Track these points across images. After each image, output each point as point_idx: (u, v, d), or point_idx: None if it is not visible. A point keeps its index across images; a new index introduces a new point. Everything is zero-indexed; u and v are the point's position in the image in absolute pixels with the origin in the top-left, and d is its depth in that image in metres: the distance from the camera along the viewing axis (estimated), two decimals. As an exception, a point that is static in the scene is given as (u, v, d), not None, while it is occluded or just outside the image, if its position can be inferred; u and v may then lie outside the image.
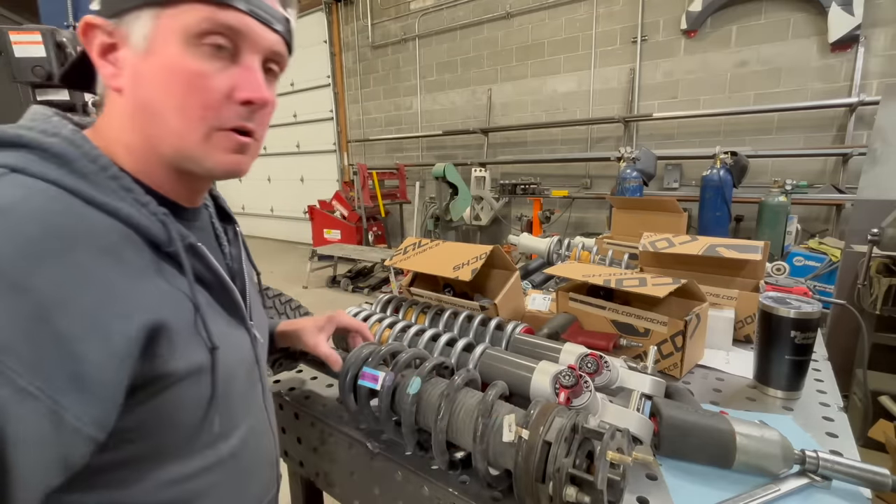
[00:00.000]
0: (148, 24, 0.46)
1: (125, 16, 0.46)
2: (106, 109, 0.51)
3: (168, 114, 0.47)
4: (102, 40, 0.47)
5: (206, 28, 0.46)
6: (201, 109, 0.47)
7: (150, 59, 0.46)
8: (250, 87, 0.49)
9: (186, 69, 0.46)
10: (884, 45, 3.58)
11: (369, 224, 6.08)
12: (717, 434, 0.67)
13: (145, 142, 0.49)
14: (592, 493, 0.51)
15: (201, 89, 0.47)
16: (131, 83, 0.47)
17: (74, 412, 0.37)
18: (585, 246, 1.61)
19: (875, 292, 1.87)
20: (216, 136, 0.49)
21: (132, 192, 0.46)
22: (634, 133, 4.79)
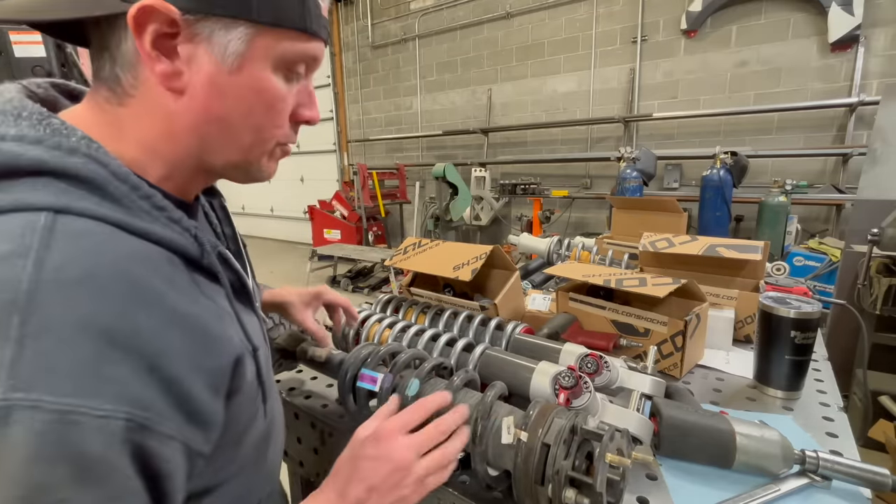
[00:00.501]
0: (243, 41, 0.43)
1: (212, 20, 0.41)
2: (139, 102, 0.44)
3: (243, 131, 0.47)
4: (160, 29, 0.40)
5: (298, 58, 0.47)
6: (274, 129, 0.49)
7: (238, 77, 0.44)
8: (311, 109, 0.52)
9: (275, 93, 0.47)
10: (884, 45, 3.58)
11: (369, 224, 6.08)
12: (717, 434, 0.67)
13: (198, 148, 0.47)
14: (592, 495, 0.51)
15: (279, 111, 0.48)
16: (206, 92, 0.44)
17: (196, 442, 0.41)
18: (585, 246, 1.61)
19: (875, 292, 1.87)
20: (277, 150, 0.52)
21: (165, 211, 0.43)
22: (634, 133, 4.79)
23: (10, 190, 0.36)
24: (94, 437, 0.33)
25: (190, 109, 0.44)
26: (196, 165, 0.48)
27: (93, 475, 0.33)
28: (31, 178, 0.37)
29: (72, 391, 0.32)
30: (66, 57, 2.20)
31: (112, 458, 0.34)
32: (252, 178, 0.52)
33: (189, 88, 0.44)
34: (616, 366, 0.78)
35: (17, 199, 0.36)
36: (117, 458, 0.34)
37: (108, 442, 0.33)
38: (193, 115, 0.45)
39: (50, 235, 0.35)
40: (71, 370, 0.33)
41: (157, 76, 0.42)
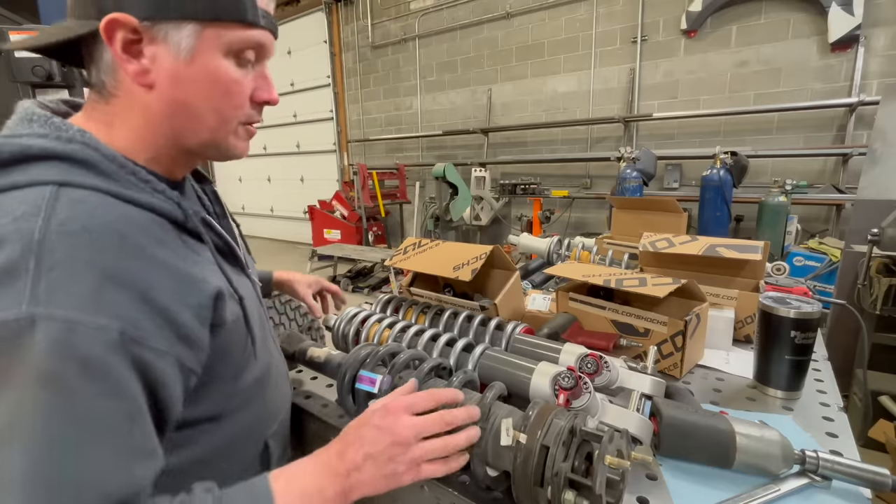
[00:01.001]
0: (192, 37, 0.52)
1: (164, 23, 0.51)
2: (121, 101, 0.54)
3: (206, 113, 0.56)
4: (126, 36, 0.50)
5: (243, 46, 0.55)
6: (233, 109, 0.57)
7: (192, 67, 0.53)
8: (268, 91, 0.60)
9: (227, 77, 0.55)
10: (884, 45, 3.58)
11: (369, 224, 6.08)
12: (717, 434, 0.67)
13: (171, 133, 0.56)
14: (591, 497, 0.51)
15: (235, 93, 0.57)
16: (170, 83, 0.53)
17: (188, 360, 0.51)
18: (585, 246, 1.61)
19: (875, 292, 1.87)
20: (239, 129, 0.60)
21: (149, 183, 0.53)
22: (634, 133, 4.79)
23: (26, 171, 0.47)
24: (94, 342, 0.41)
25: (160, 100, 0.54)
26: (176, 147, 0.58)
27: (95, 372, 0.41)
28: (41, 162, 0.48)
29: (76, 308, 0.41)
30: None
31: (110, 361, 0.42)
32: (226, 156, 0.61)
33: (157, 83, 0.53)
34: (616, 366, 0.78)
35: (32, 178, 0.46)
36: (116, 363, 0.43)
37: (105, 348, 0.42)
38: (163, 105, 0.54)
39: (56, 201, 0.45)
40: (77, 294, 0.42)
41: (130, 75, 0.52)
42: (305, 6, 7.29)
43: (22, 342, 0.39)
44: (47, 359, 0.39)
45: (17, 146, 0.47)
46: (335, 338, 1.04)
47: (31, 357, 0.39)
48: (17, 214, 0.43)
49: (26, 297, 0.40)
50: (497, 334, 0.94)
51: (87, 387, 0.41)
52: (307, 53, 7.52)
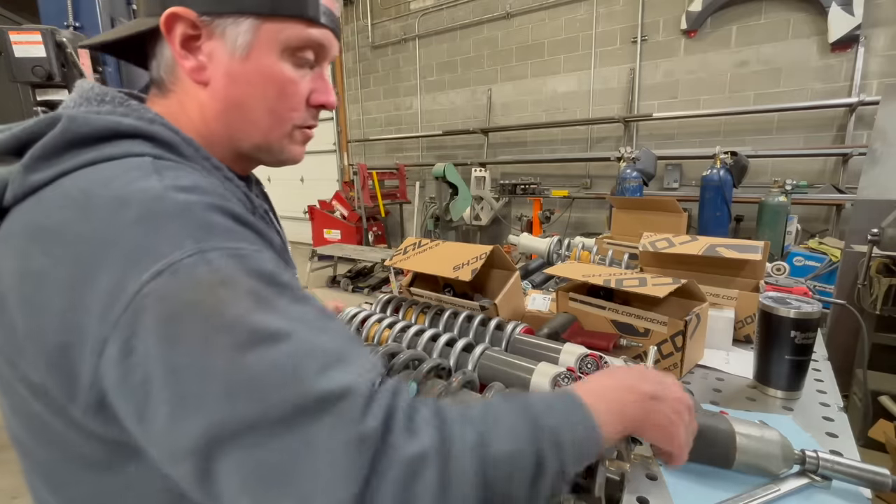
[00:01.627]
0: (249, 32, 0.50)
1: (223, 17, 0.50)
2: (177, 96, 0.54)
3: (260, 113, 0.54)
4: (185, 31, 0.50)
5: (302, 44, 0.53)
6: (288, 111, 0.55)
7: (247, 64, 0.51)
8: (325, 93, 0.58)
9: (282, 77, 0.53)
10: (884, 45, 3.58)
11: (369, 224, 6.08)
12: (717, 434, 0.67)
13: (225, 133, 0.55)
14: (590, 501, 0.51)
15: (291, 94, 0.55)
16: (224, 81, 0.52)
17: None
18: (585, 246, 1.61)
19: (875, 292, 1.87)
20: (294, 133, 0.58)
21: (221, 171, 0.52)
22: (634, 133, 4.79)
23: (118, 146, 0.45)
24: (262, 261, 0.41)
25: (214, 98, 0.53)
26: (230, 149, 0.56)
27: (278, 283, 0.41)
28: (129, 139, 0.46)
29: (231, 240, 0.41)
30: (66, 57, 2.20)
31: (282, 275, 0.42)
32: (279, 161, 0.59)
33: (212, 80, 0.52)
34: (616, 366, 0.78)
35: (125, 150, 0.45)
36: (286, 277, 0.43)
37: (273, 265, 0.42)
38: (218, 103, 0.53)
39: (157, 166, 0.44)
40: (224, 229, 0.42)
41: (187, 71, 0.52)
42: (305, 6, 7.29)
43: (203, 274, 0.37)
44: (236, 280, 0.38)
45: (109, 121, 0.45)
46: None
47: (220, 283, 0.38)
48: (130, 177, 0.42)
49: (184, 236, 0.39)
50: (497, 334, 0.94)
51: (280, 296, 0.40)
52: (307, 53, 7.50)
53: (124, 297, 0.36)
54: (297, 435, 0.34)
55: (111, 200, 0.40)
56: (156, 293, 0.36)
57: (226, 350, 0.36)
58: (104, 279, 0.37)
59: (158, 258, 0.37)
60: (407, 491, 0.34)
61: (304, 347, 0.37)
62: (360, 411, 0.36)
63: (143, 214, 0.39)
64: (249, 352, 0.36)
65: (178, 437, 0.35)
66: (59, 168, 0.43)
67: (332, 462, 0.34)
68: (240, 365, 0.35)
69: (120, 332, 0.36)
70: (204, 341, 0.36)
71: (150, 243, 0.38)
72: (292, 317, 0.39)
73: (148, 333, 0.36)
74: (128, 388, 0.36)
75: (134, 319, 0.36)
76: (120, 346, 0.36)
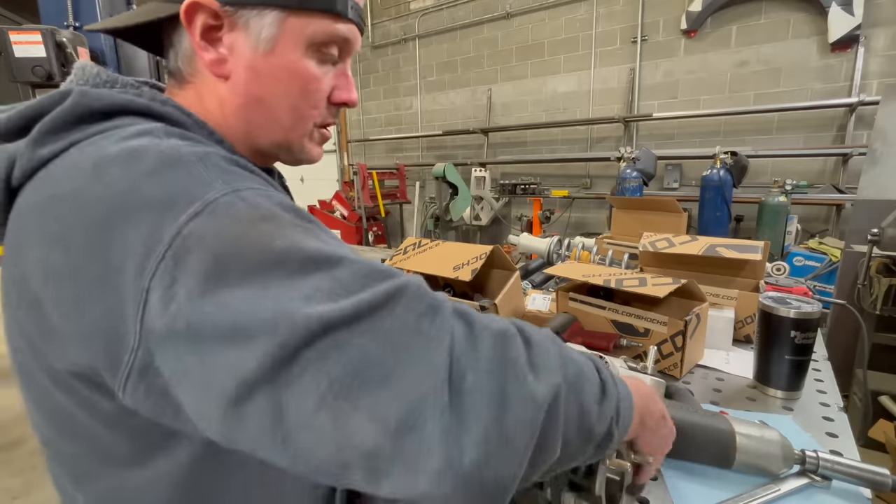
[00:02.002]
0: (274, 25, 0.48)
1: (247, 9, 0.47)
2: (196, 89, 0.52)
3: (282, 111, 0.52)
4: (206, 21, 0.47)
5: (328, 40, 0.51)
6: (310, 109, 0.53)
7: (271, 59, 0.49)
8: (347, 90, 0.56)
9: (307, 74, 0.51)
10: (884, 45, 3.58)
11: (369, 224, 6.08)
12: (718, 434, 0.67)
13: (244, 129, 0.52)
14: (591, 499, 0.51)
15: (314, 91, 0.52)
16: (246, 76, 0.50)
17: None
18: (585, 246, 1.61)
19: (875, 292, 1.87)
20: (315, 132, 0.56)
21: (234, 155, 0.49)
22: (634, 133, 4.79)
23: (132, 121, 0.43)
24: (287, 201, 0.40)
25: (234, 92, 0.50)
26: (248, 146, 0.54)
27: (309, 218, 0.41)
28: (141, 117, 0.44)
29: (255, 183, 0.40)
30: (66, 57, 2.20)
31: (306, 212, 0.41)
32: (298, 160, 0.57)
33: (233, 73, 0.50)
34: (616, 366, 0.78)
35: (137, 125, 0.43)
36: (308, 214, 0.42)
37: (293, 205, 0.41)
38: (238, 98, 0.51)
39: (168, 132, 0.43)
40: (246, 175, 0.41)
41: (207, 63, 0.49)
42: (305, 6, 7.28)
43: (243, 209, 0.36)
44: (276, 212, 0.38)
45: (122, 98, 0.44)
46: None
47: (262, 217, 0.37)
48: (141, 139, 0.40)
49: (212, 178, 0.38)
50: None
51: (318, 227, 0.40)
52: (307, 53, 7.50)
53: (160, 244, 0.34)
54: (371, 331, 0.33)
55: (122, 155, 0.38)
56: (196, 233, 0.34)
57: (280, 281, 0.34)
58: (132, 234, 0.34)
59: (193, 200, 0.35)
60: (502, 353, 0.35)
61: (360, 269, 0.36)
62: (424, 292, 0.37)
63: (162, 162, 0.37)
64: (307, 278, 0.34)
65: (239, 370, 0.31)
66: (68, 140, 0.41)
67: (413, 339, 0.33)
68: (298, 290, 0.34)
69: (160, 281, 0.33)
70: (255, 276, 0.33)
71: (179, 187, 0.36)
72: (336, 244, 0.39)
73: (192, 277, 0.33)
74: (175, 337, 0.33)
75: (175, 264, 0.33)
76: (161, 295, 0.33)
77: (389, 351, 0.32)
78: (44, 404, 0.44)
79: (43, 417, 0.45)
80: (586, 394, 0.40)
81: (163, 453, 0.42)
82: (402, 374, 0.32)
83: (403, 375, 0.32)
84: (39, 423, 0.47)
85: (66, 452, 0.46)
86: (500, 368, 0.34)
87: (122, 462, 0.43)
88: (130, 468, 0.43)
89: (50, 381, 0.42)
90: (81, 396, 0.40)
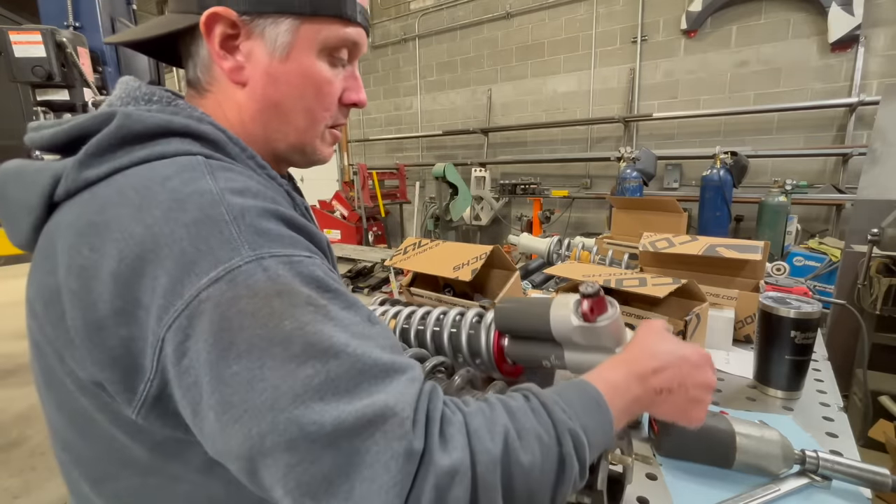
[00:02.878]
0: (289, 33, 0.50)
1: (263, 17, 0.49)
2: (215, 97, 0.53)
3: (297, 114, 0.54)
4: (224, 31, 0.49)
5: (339, 44, 0.53)
6: (324, 111, 0.55)
7: (287, 65, 0.51)
8: (357, 91, 0.58)
9: (320, 77, 0.53)
10: (884, 45, 3.58)
11: (369, 224, 6.08)
12: (718, 434, 0.67)
13: (263, 134, 0.54)
14: (592, 495, 0.51)
15: (326, 94, 0.54)
16: (263, 82, 0.52)
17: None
18: (585, 246, 1.61)
19: (875, 292, 1.87)
20: (327, 133, 0.58)
21: (265, 169, 0.52)
22: (634, 133, 4.79)
23: (169, 144, 0.45)
24: (314, 267, 0.42)
25: (251, 98, 0.52)
26: (265, 150, 0.55)
27: (328, 290, 0.41)
28: (179, 138, 0.46)
29: (284, 246, 0.41)
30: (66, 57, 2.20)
31: (332, 282, 0.42)
32: (311, 161, 0.59)
33: (250, 80, 0.52)
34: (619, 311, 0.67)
35: (177, 149, 0.45)
36: (335, 283, 0.43)
37: (323, 272, 0.42)
38: (255, 103, 0.52)
39: (210, 167, 0.43)
40: (276, 235, 0.41)
41: (225, 72, 0.51)
42: (305, 6, 7.29)
43: (261, 282, 0.38)
44: (293, 288, 0.39)
45: (161, 119, 0.45)
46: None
47: (278, 292, 0.38)
48: (185, 178, 0.41)
49: (240, 242, 0.39)
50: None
51: (332, 303, 0.41)
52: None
53: (181, 300, 0.37)
54: (344, 453, 0.35)
55: (167, 201, 0.40)
56: (213, 299, 0.37)
57: (277, 363, 0.36)
58: (161, 277, 0.37)
59: (217, 263, 0.37)
60: (440, 501, 0.36)
61: (355, 364, 0.38)
62: (406, 427, 0.36)
63: (200, 218, 0.39)
64: (302, 366, 0.36)
65: (226, 440, 0.36)
66: (113, 164, 0.43)
67: (376, 477, 0.35)
68: (290, 379, 0.36)
69: (174, 335, 0.37)
70: (256, 352, 0.36)
71: (207, 247, 0.38)
72: (344, 326, 0.40)
73: (201, 339, 0.36)
74: (184, 386, 0.37)
75: (189, 324, 0.37)
76: (175, 348, 0.37)
77: (356, 479, 0.35)
78: (66, 406, 0.46)
79: (65, 420, 0.47)
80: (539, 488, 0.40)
81: (178, 461, 0.44)
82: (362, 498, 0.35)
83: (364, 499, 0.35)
84: (60, 427, 0.48)
85: (84, 454, 0.48)
86: None
87: (139, 468, 0.45)
88: (147, 474, 0.45)
89: (73, 384, 0.44)
90: (103, 402, 0.43)
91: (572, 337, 0.64)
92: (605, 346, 0.63)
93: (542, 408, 0.44)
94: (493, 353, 0.78)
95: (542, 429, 0.42)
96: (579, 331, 0.62)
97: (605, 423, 0.46)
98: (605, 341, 0.63)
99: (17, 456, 2.32)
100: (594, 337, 0.63)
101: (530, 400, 0.45)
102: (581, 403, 0.46)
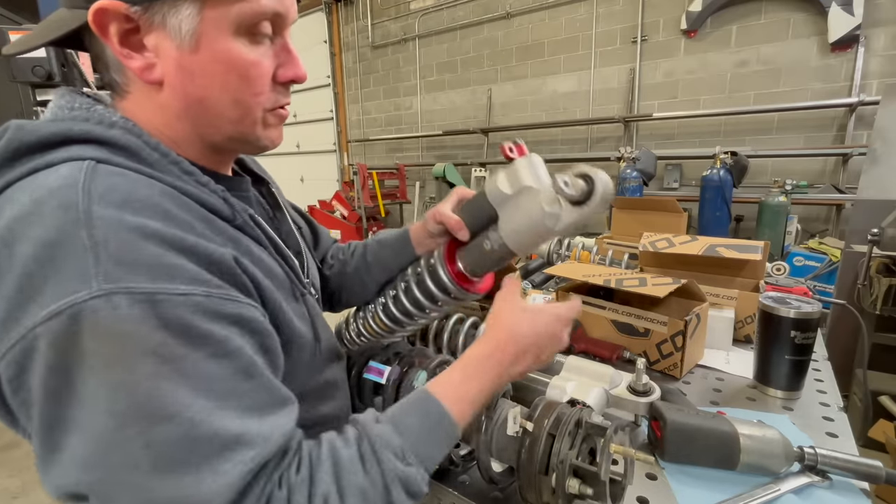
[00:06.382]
0: (193, 18, 0.44)
1: (159, 5, 0.43)
2: (135, 99, 0.49)
3: (225, 107, 0.48)
4: (121, 27, 0.43)
5: (256, 18, 0.46)
6: (255, 97, 0.49)
7: (200, 55, 0.45)
8: (293, 66, 0.52)
9: (242, 61, 0.47)
10: (884, 45, 3.58)
11: (369, 224, 6.08)
12: (722, 437, 0.67)
13: (193, 131, 0.50)
14: (595, 485, 0.51)
15: (255, 78, 0.48)
16: (178, 79, 0.46)
17: (259, 306, 0.47)
18: (585, 246, 1.61)
19: (875, 292, 1.86)
20: (267, 116, 0.52)
21: (193, 175, 0.47)
22: (634, 133, 4.79)
23: (64, 152, 0.42)
24: (184, 309, 0.38)
25: (174, 97, 0.47)
26: (201, 144, 0.52)
27: (195, 337, 0.38)
28: (80, 145, 0.42)
29: (151, 279, 0.37)
30: (65, 57, 2.20)
31: (206, 324, 0.39)
32: (258, 148, 0.54)
33: (166, 77, 0.46)
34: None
35: (69, 155, 0.41)
36: (213, 324, 0.39)
37: (195, 311, 0.38)
38: (178, 102, 0.48)
39: (93, 173, 0.40)
40: (145, 264, 0.37)
41: (135, 72, 0.46)
42: (305, 6, 7.29)
43: (104, 322, 0.34)
44: (140, 334, 0.35)
45: (57, 128, 0.42)
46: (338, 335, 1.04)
47: (120, 335, 0.35)
48: (54, 186, 0.38)
49: (94, 272, 0.35)
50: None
51: (193, 353, 0.37)
52: (307, 53, 7.50)
53: (17, 330, 0.35)
54: None
55: (28, 215, 0.37)
56: (49, 336, 0.35)
57: (99, 417, 0.35)
58: (1, 301, 0.36)
59: (62, 295, 0.35)
60: None
61: (189, 433, 0.36)
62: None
63: (55, 240, 0.36)
64: (122, 427, 0.35)
65: (44, 477, 0.38)
66: (7, 178, 0.41)
67: None
68: (112, 440, 0.35)
69: (7, 368, 0.37)
70: (84, 401, 0.35)
71: (56, 273, 0.35)
72: (197, 382, 0.37)
73: (36, 375, 0.36)
74: (23, 416, 0.39)
75: (23, 357, 0.36)
76: (9, 380, 0.37)
77: None
78: None
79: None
80: None
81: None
82: None
83: None
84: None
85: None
86: None
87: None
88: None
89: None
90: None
91: (501, 188, 0.60)
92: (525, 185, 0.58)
93: (371, 455, 0.44)
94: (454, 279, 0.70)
95: (368, 482, 0.42)
96: (505, 177, 0.60)
97: (449, 437, 0.48)
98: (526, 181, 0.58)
99: (17, 456, 2.32)
100: (515, 179, 0.58)
101: (362, 445, 0.44)
102: (421, 428, 0.47)
